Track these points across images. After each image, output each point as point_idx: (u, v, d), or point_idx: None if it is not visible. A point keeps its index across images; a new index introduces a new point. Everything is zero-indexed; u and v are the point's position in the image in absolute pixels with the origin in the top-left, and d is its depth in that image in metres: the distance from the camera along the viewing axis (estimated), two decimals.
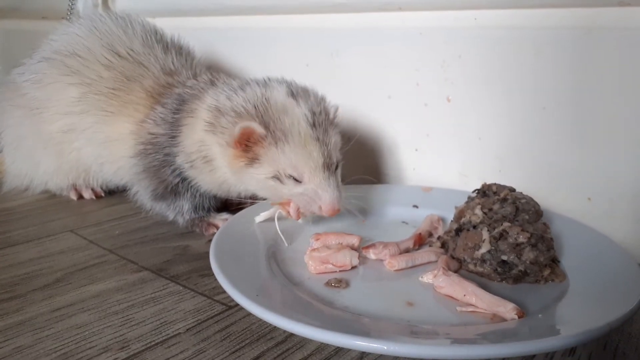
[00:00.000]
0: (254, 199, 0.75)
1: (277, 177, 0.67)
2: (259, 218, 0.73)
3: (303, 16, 1.00)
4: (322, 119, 0.69)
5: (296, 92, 0.70)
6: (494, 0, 0.77)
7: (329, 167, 0.68)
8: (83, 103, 0.82)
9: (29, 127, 0.89)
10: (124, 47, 0.83)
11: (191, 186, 0.77)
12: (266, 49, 1.07)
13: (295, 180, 0.67)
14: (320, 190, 0.67)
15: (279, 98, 0.68)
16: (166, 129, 0.76)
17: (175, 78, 0.82)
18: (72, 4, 1.29)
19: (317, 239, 0.67)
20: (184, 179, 0.77)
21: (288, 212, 0.69)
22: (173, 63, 0.84)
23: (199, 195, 0.78)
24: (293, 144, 0.66)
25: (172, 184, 0.77)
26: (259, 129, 0.66)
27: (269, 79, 0.73)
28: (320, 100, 0.71)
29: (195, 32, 1.01)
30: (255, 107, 0.68)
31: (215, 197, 0.80)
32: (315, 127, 0.67)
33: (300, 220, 0.71)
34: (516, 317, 0.51)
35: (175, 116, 0.75)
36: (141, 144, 0.78)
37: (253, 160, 0.68)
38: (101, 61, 0.82)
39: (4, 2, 1.63)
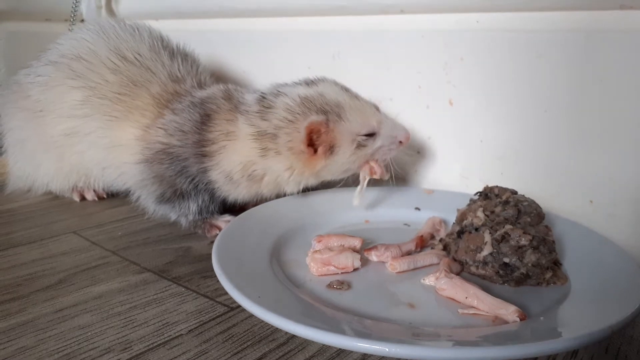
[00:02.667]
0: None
1: (359, 144, 0.73)
2: (356, 201, 0.76)
3: (305, 19, 1.00)
4: (340, 85, 0.76)
5: (309, 82, 0.76)
6: (496, 3, 0.77)
7: (377, 108, 0.76)
8: (87, 107, 0.82)
9: (31, 129, 0.89)
10: (131, 52, 0.83)
11: (206, 191, 0.78)
12: (268, 51, 1.07)
13: (370, 135, 0.73)
14: (392, 132, 0.75)
15: (308, 90, 0.74)
16: (184, 141, 0.76)
17: (181, 86, 0.82)
18: (75, 6, 1.30)
19: (319, 241, 0.67)
20: (198, 186, 0.77)
21: (375, 173, 0.75)
22: (179, 70, 0.84)
23: (209, 199, 0.79)
24: (349, 109, 0.72)
25: (183, 189, 0.77)
26: (319, 117, 0.70)
27: (277, 85, 0.77)
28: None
29: (198, 34, 1.01)
30: (302, 105, 0.72)
31: (220, 204, 0.81)
32: (346, 90, 0.75)
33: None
34: (518, 319, 0.51)
35: (205, 133, 0.75)
36: (150, 151, 0.78)
37: (332, 148, 0.72)
38: (107, 65, 0.81)
39: (8, 4, 1.64)
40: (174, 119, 0.77)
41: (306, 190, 0.81)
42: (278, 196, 0.80)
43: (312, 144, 0.71)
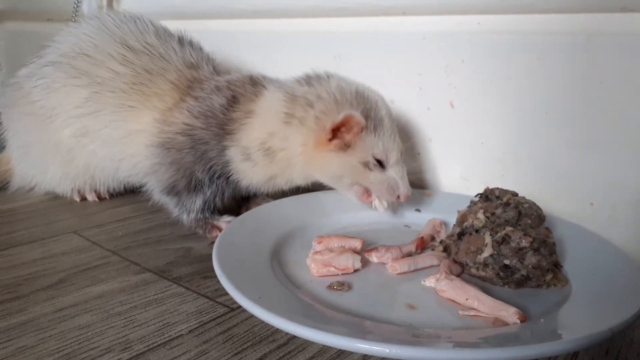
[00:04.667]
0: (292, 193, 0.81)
1: (366, 163, 0.72)
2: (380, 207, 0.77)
3: (307, 20, 1.00)
4: (392, 113, 0.76)
5: (368, 87, 0.76)
6: (497, 5, 0.78)
7: (403, 154, 0.75)
8: (95, 103, 0.81)
9: (37, 134, 0.88)
10: (138, 42, 0.82)
11: (221, 178, 0.77)
12: (270, 52, 1.07)
13: (381, 166, 0.72)
14: (400, 180, 0.73)
15: (366, 90, 0.74)
16: (207, 124, 0.75)
17: (199, 72, 0.82)
18: (77, 6, 1.30)
19: (320, 242, 0.67)
20: (215, 174, 0.77)
21: (367, 200, 0.76)
22: (192, 56, 0.84)
23: (220, 190, 0.78)
24: (387, 132, 0.72)
25: (198, 180, 0.77)
26: (360, 118, 0.70)
27: (329, 74, 0.76)
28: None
29: (199, 35, 1.01)
30: (355, 97, 0.72)
31: (227, 197, 0.80)
32: (393, 119, 0.75)
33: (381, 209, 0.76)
34: (518, 321, 0.51)
35: (230, 114, 0.75)
36: (170, 133, 0.77)
37: (346, 147, 0.71)
38: (115, 57, 0.81)
39: (9, 4, 1.64)
40: (197, 104, 0.77)
41: (307, 190, 0.81)
42: (285, 194, 0.80)
43: (335, 132, 0.71)
